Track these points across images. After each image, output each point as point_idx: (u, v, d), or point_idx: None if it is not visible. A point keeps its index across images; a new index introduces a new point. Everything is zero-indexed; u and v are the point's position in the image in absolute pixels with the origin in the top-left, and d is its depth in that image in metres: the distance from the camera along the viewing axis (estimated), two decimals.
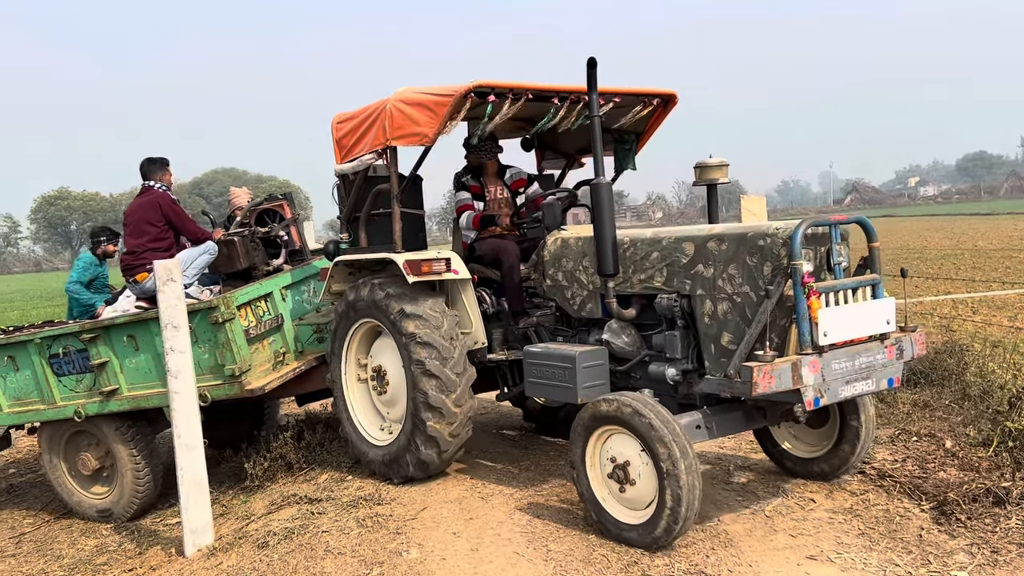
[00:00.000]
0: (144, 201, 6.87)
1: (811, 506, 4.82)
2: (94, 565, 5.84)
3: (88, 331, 6.46)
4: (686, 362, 4.72)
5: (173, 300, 5.20)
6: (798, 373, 4.01)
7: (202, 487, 5.26)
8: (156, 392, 6.27)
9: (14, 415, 7.12)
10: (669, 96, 5.94)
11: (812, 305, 4.03)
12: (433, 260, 5.36)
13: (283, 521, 5.24)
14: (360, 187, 5.96)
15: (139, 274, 6.78)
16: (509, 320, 5.77)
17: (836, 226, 4.32)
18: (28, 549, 6.58)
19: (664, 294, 4.73)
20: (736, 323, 4.38)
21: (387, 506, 5.22)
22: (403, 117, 5.40)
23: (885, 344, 4.40)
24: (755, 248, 4.28)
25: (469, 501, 5.20)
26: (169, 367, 5.19)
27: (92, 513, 6.93)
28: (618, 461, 4.33)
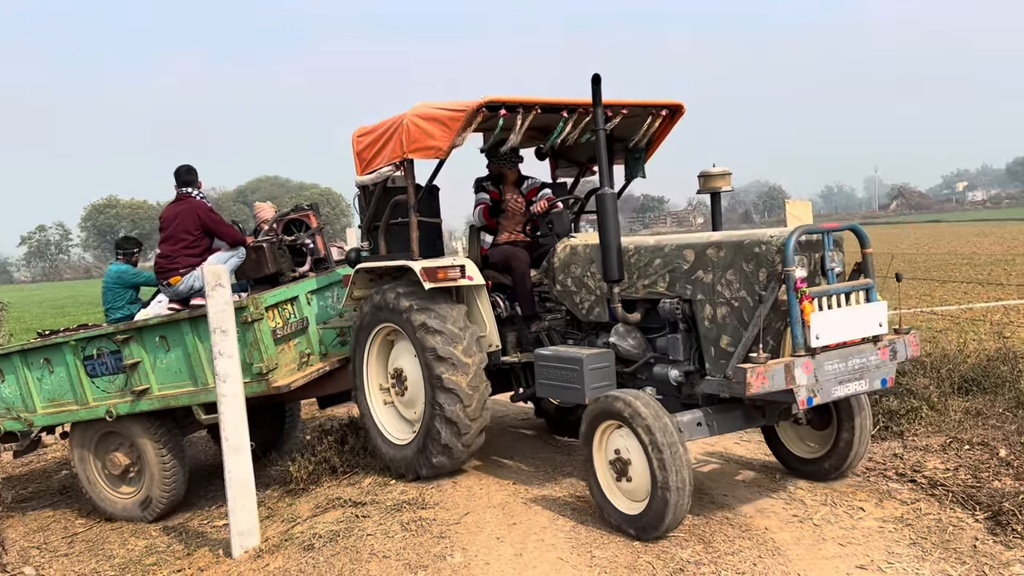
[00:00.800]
0: (183, 208, 7.12)
1: (860, 515, 4.74)
2: (144, 565, 5.94)
3: (122, 332, 6.73)
4: (688, 364, 4.93)
5: (221, 305, 5.28)
6: (791, 374, 4.20)
7: (249, 490, 5.33)
8: (186, 391, 6.57)
9: (48, 416, 7.38)
10: (676, 107, 6.10)
11: (805, 309, 4.21)
12: (448, 267, 5.60)
13: (328, 524, 5.28)
14: (379, 198, 6.22)
15: (172, 277, 7.03)
16: (522, 324, 6.00)
17: (829, 233, 4.51)
18: (80, 549, 6.73)
19: (667, 299, 4.96)
20: (734, 326, 4.58)
21: (431, 510, 5.23)
22: (419, 131, 5.64)
23: (878, 346, 4.56)
24: (751, 255, 4.48)
25: (512, 506, 5.19)
26: (217, 371, 5.27)
27: (122, 512, 7.18)
28: (619, 455, 4.56)
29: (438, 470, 5.73)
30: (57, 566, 6.38)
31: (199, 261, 6.96)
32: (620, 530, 4.60)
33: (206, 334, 6.24)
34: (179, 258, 6.99)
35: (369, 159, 6.21)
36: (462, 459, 5.73)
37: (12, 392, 7.56)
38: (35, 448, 8.07)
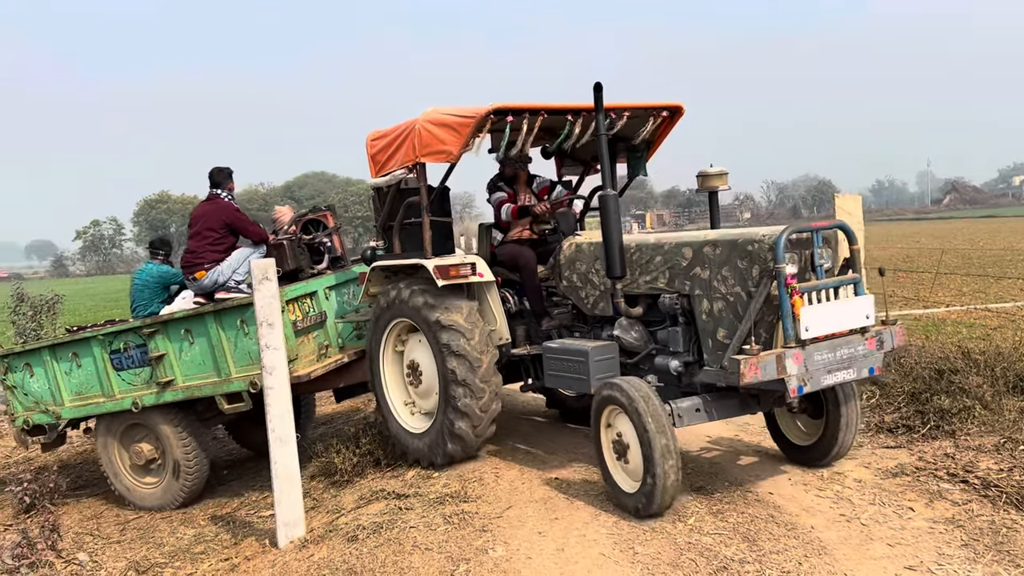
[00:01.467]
0: (211, 208, 7.51)
1: (909, 515, 4.65)
2: (192, 553, 6.06)
3: (148, 326, 7.05)
4: (687, 355, 5.23)
5: (268, 298, 5.35)
6: (782, 364, 4.47)
7: (294, 481, 5.40)
8: (210, 382, 6.87)
9: (75, 409, 7.65)
10: (676, 108, 6.35)
11: (795, 303, 4.49)
12: (460, 265, 5.90)
13: (372, 516, 5.33)
14: (393, 199, 6.51)
15: (198, 272, 7.36)
16: (531, 318, 6.34)
17: (818, 232, 4.76)
18: (132, 536, 6.88)
19: (667, 294, 5.26)
20: (730, 320, 4.85)
21: (473, 503, 5.25)
22: (431, 136, 5.91)
23: (866, 336, 4.82)
24: (745, 253, 4.75)
25: (554, 501, 5.18)
26: (264, 363, 5.35)
27: (146, 502, 7.49)
28: (619, 437, 4.89)
29: (452, 458, 6.00)
30: (109, 552, 6.54)
31: (223, 257, 7.37)
32: (622, 507, 4.90)
33: (230, 326, 6.69)
34: (204, 253, 7.35)
35: (383, 162, 6.50)
36: (474, 448, 6.02)
37: (41, 386, 7.82)
38: (62, 442, 8.38)
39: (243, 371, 6.70)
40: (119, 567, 6.09)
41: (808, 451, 5.52)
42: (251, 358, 6.56)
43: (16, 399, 7.98)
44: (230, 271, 7.40)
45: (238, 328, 6.64)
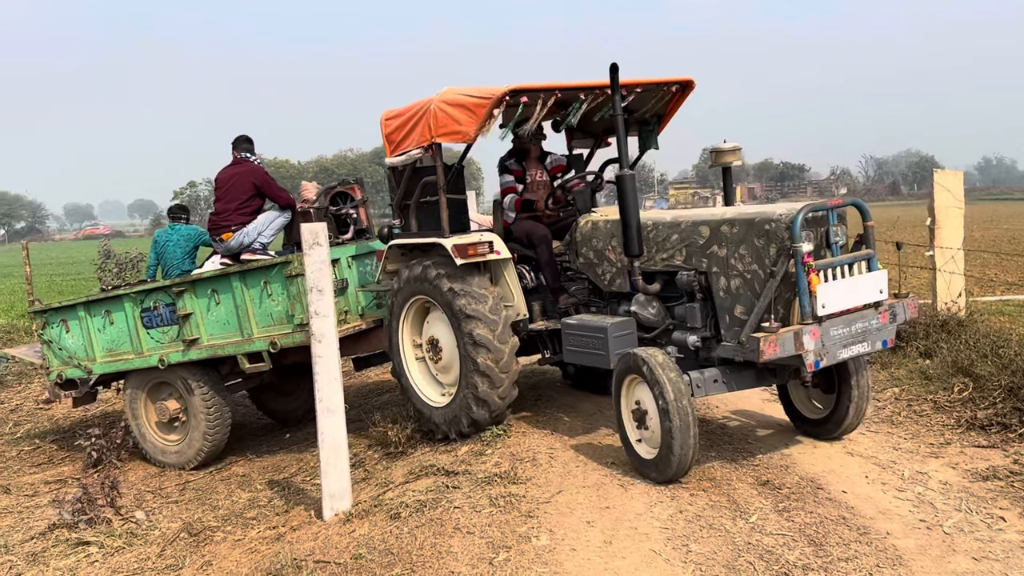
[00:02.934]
0: (240, 170, 7.60)
1: (1000, 525, 4.20)
2: (244, 519, 6.01)
3: (177, 285, 7.25)
4: (705, 330, 5.29)
5: (318, 264, 5.19)
6: (800, 340, 4.58)
7: (341, 452, 5.26)
8: (232, 341, 7.09)
9: (105, 364, 7.94)
10: (686, 82, 6.38)
11: (812, 281, 4.58)
12: (478, 244, 5.94)
13: (418, 492, 5.15)
14: (409, 178, 6.54)
15: (225, 233, 7.52)
16: (547, 293, 6.40)
17: (833, 210, 4.85)
18: (190, 496, 6.91)
19: (684, 271, 5.33)
20: (747, 297, 4.95)
21: (522, 486, 5.00)
22: (446, 117, 5.93)
23: (879, 310, 4.95)
24: (762, 232, 4.83)
25: (607, 488, 4.89)
26: (313, 331, 5.20)
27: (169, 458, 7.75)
28: (639, 405, 5.02)
29: (478, 424, 6.03)
30: (166, 512, 6.57)
31: (250, 220, 7.51)
32: (640, 474, 5.02)
33: (255, 287, 6.87)
34: (231, 216, 7.47)
35: (398, 141, 6.51)
36: (499, 411, 6.01)
37: (75, 342, 8.11)
38: (93, 400, 8.80)
39: (264, 331, 6.88)
40: (173, 528, 6.10)
41: (820, 424, 5.58)
42: (272, 319, 6.79)
43: (51, 353, 8.32)
44: (256, 233, 7.51)
45: (262, 289, 6.81)
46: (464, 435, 6.07)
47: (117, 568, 5.44)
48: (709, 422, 6.19)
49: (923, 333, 7.59)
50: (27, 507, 7.04)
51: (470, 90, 5.89)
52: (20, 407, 10.90)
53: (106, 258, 14.91)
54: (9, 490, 7.54)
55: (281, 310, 6.70)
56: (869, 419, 6.04)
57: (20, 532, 6.36)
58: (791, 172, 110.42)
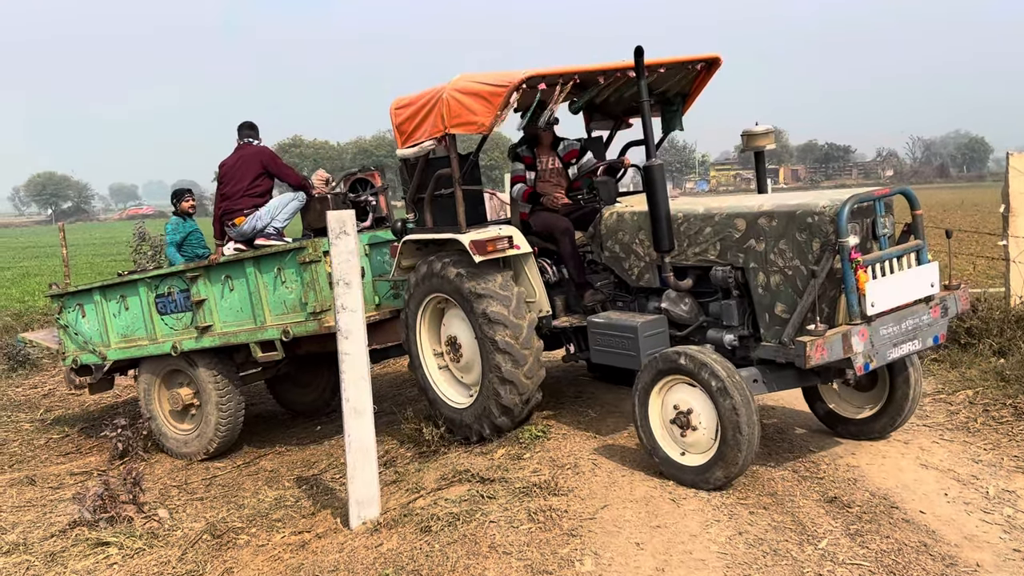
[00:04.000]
0: (246, 153, 7.44)
1: None
2: (269, 520, 5.71)
3: (191, 271, 7.12)
4: (743, 328, 4.98)
5: (346, 255, 4.81)
6: (848, 343, 4.28)
7: (369, 457, 4.90)
8: (245, 329, 6.91)
9: (119, 350, 7.84)
10: (713, 60, 6.07)
11: (860, 278, 4.29)
12: (496, 239, 5.62)
13: (450, 502, 4.76)
14: (423, 170, 6.24)
15: (237, 218, 7.32)
16: (570, 286, 6.04)
17: (880, 200, 4.56)
18: (215, 493, 6.63)
19: (719, 266, 4.99)
20: (788, 294, 4.64)
21: (563, 498, 4.60)
22: (460, 106, 5.59)
23: (930, 305, 4.69)
24: (804, 225, 4.52)
25: (657, 503, 4.46)
26: (339, 327, 4.83)
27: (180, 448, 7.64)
28: (681, 408, 4.63)
29: (500, 430, 5.78)
30: (191, 510, 6.30)
31: (261, 202, 7.33)
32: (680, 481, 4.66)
33: (269, 273, 6.67)
34: (242, 199, 7.29)
35: (409, 132, 6.16)
36: (522, 417, 5.78)
37: (91, 327, 8.02)
38: (110, 386, 8.72)
39: (277, 319, 6.70)
40: (196, 528, 5.81)
41: (869, 423, 5.23)
42: (286, 306, 6.62)
43: (68, 338, 8.24)
44: (269, 217, 7.30)
45: (276, 275, 6.62)
46: (497, 427, 5.77)
47: (136, 572, 5.16)
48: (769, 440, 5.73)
49: (997, 330, 7.03)
50: (51, 500, 6.82)
51: (485, 77, 5.54)
52: (53, 391, 10.77)
53: (141, 240, 14.76)
54: (35, 481, 7.35)
55: (295, 297, 6.54)
56: (942, 425, 5.55)
57: (41, 528, 6.12)
58: (836, 153, 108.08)
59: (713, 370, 4.40)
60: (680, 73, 6.03)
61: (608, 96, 5.99)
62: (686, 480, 4.64)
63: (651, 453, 4.80)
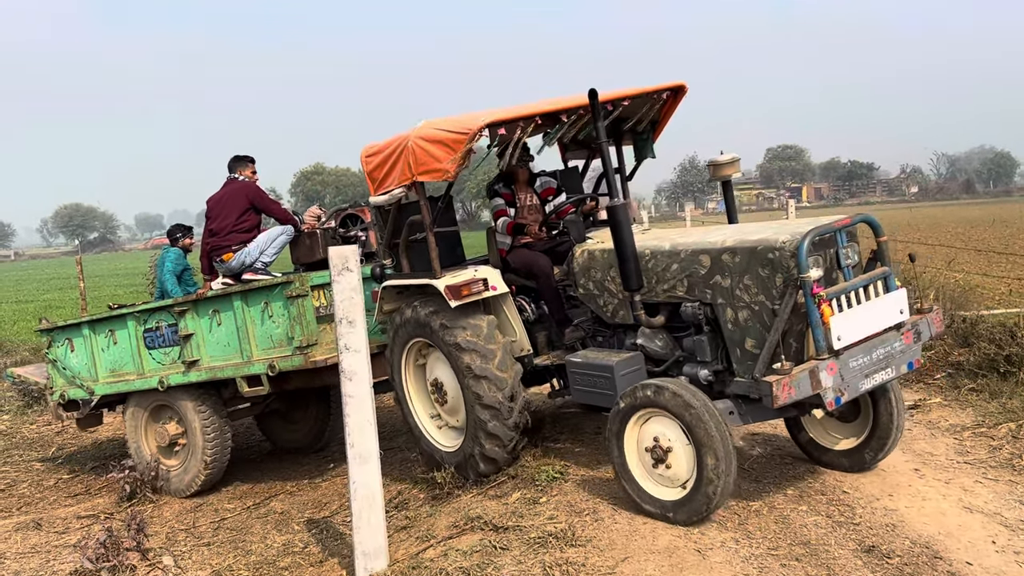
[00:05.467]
0: (232, 189, 7.49)
1: None
2: (276, 568, 5.48)
3: (180, 305, 7.10)
4: (716, 363, 4.94)
5: (349, 292, 4.59)
6: (816, 378, 4.22)
7: (376, 505, 4.64)
8: (232, 364, 6.89)
9: (107, 385, 7.78)
10: (678, 88, 6.14)
11: (824, 312, 4.22)
12: (471, 282, 5.64)
13: (461, 553, 4.49)
14: (396, 216, 6.28)
15: (225, 254, 7.36)
16: (551, 323, 6.05)
17: (841, 231, 4.53)
18: (223, 538, 6.40)
19: (688, 302, 4.97)
20: (757, 329, 4.58)
21: (580, 549, 4.31)
22: (425, 154, 5.63)
23: (901, 331, 4.62)
24: (766, 261, 4.47)
25: (681, 554, 4.17)
26: (343, 367, 4.59)
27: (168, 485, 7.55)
28: (657, 441, 4.56)
29: (485, 476, 5.78)
30: (196, 556, 6.07)
31: (249, 237, 7.35)
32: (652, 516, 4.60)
33: (256, 307, 6.66)
34: (230, 235, 7.33)
35: (380, 179, 6.18)
36: (512, 442, 5.71)
37: (79, 361, 7.98)
38: (99, 422, 8.64)
39: (264, 354, 6.68)
40: None
41: (855, 453, 5.12)
42: (272, 341, 6.62)
43: (56, 372, 8.20)
44: (258, 252, 7.34)
45: (263, 310, 6.63)
46: (483, 474, 5.73)
47: None
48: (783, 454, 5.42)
49: None
50: (55, 546, 6.62)
51: (447, 123, 5.61)
52: (66, 428, 10.61)
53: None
54: (40, 525, 7.15)
55: (281, 332, 6.54)
56: (984, 463, 5.22)
57: None
58: (859, 171, 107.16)
59: (686, 400, 4.35)
60: (647, 103, 6.08)
61: (579, 130, 6.08)
62: (659, 512, 4.58)
63: (627, 490, 4.74)
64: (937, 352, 7.63)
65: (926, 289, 9.24)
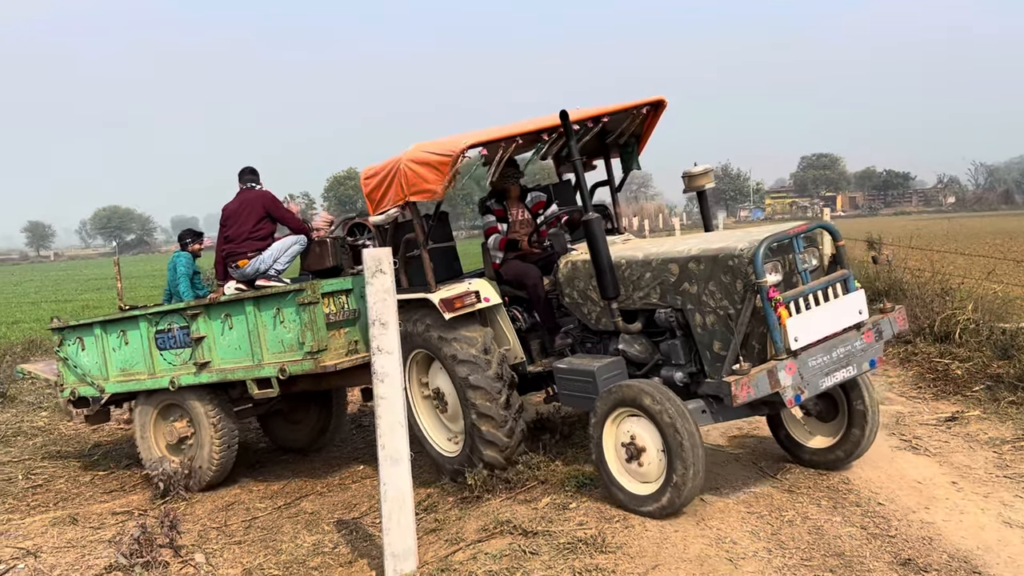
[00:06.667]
0: (249, 197, 7.74)
1: None
2: (306, 568, 5.53)
3: (192, 308, 7.31)
4: (690, 366, 5.20)
5: (382, 294, 4.61)
6: (775, 378, 4.45)
7: (406, 507, 4.65)
8: (243, 367, 7.11)
9: (117, 383, 7.96)
10: (657, 102, 6.37)
11: (781, 315, 4.45)
12: (464, 295, 5.92)
13: (490, 558, 4.49)
14: (393, 234, 6.60)
15: (240, 260, 7.62)
16: (544, 332, 6.35)
17: (797, 237, 4.76)
18: (254, 537, 6.45)
19: (661, 308, 5.25)
20: (723, 332, 4.84)
21: (610, 556, 4.28)
22: (415, 175, 5.98)
23: (862, 331, 4.84)
24: (727, 268, 4.73)
25: (713, 563, 4.13)
26: (375, 369, 4.62)
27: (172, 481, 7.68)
28: (632, 440, 4.83)
29: (491, 467, 5.94)
30: (228, 554, 6.12)
31: (264, 245, 7.61)
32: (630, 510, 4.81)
33: (268, 312, 6.91)
34: (245, 242, 7.58)
35: (378, 200, 6.50)
36: (509, 449, 5.91)
37: (90, 359, 8.12)
38: (107, 418, 8.74)
39: (275, 357, 6.90)
40: (232, 574, 5.63)
41: (830, 452, 5.33)
42: (283, 345, 6.84)
43: (67, 370, 8.33)
44: (272, 260, 7.59)
45: (275, 315, 6.85)
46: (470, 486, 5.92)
47: None
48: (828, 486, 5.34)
49: None
50: (91, 541, 6.71)
51: (434, 146, 5.94)
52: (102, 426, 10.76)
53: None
54: (77, 520, 7.26)
55: (292, 337, 6.77)
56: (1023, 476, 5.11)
57: (79, 572, 6.01)
58: (895, 180, 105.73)
59: (654, 398, 4.61)
60: (627, 119, 6.32)
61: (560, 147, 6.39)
62: (628, 504, 4.84)
63: (608, 484, 4.99)
64: (975, 364, 7.50)
65: (963, 300, 9.10)
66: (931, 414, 6.70)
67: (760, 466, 5.65)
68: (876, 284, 11.45)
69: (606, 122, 6.17)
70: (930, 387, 7.50)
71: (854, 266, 13.81)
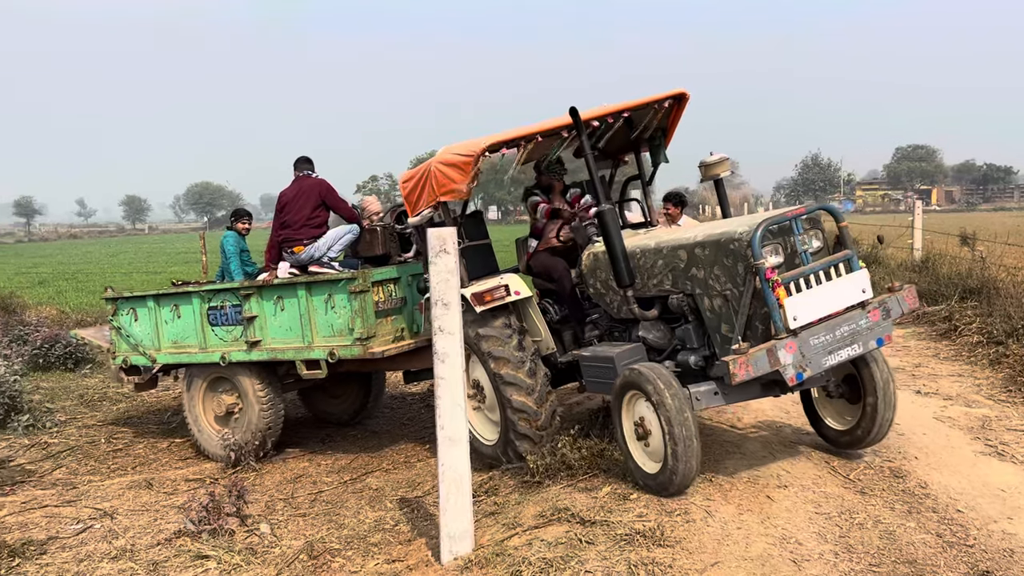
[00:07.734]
0: (307, 185, 8.01)
1: None
2: (367, 544, 5.56)
3: (245, 288, 7.57)
4: (704, 349, 5.35)
5: (445, 274, 4.57)
6: (775, 356, 4.55)
7: (464, 488, 4.62)
8: (293, 347, 7.39)
9: (169, 355, 8.24)
10: (679, 95, 6.46)
11: (779, 295, 4.57)
12: (494, 288, 6.17)
13: (546, 544, 4.42)
14: None
15: (296, 247, 7.87)
16: (575, 323, 6.55)
17: (796, 219, 4.85)
18: (318, 511, 6.55)
19: (673, 295, 5.43)
20: (729, 315, 4.97)
21: (669, 550, 4.17)
22: (443, 176, 6.26)
23: (868, 309, 4.86)
24: (729, 252, 4.88)
25: (776, 563, 3.97)
26: (436, 349, 4.58)
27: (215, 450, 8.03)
28: (640, 420, 5.03)
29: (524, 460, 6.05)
30: (292, 526, 6.22)
31: (319, 233, 7.88)
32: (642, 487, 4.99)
33: (319, 297, 7.17)
34: (302, 228, 7.83)
35: (415, 202, 6.78)
36: (543, 443, 6.02)
37: (142, 331, 8.40)
38: (154, 385, 9.08)
39: (324, 341, 7.18)
40: (295, 546, 5.72)
41: (851, 433, 5.43)
42: (333, 330, 7.10)
43: (119, 339, 8.61)
44: (326, 247, 7.83)
45: (326, 301, 7.10)
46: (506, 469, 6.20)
47: None
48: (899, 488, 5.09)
49: None
50: (164, 506, 6.92)
51: (460, 147, 6.18)
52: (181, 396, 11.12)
53: None
54: (152, 485, 7.50)
55: (343, 322, 7.03)
56: None
57: (150, 534, 6.19)
58: (995, 175, 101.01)
59: (652, 382, 4.75)
60: (650, 113, 6.47)
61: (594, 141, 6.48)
62: (639, 479, 5.04)
63: (626, 459, 5.21)
64: None
65: None
66: (1021, 419, 6.34)
67: (832, 465, 5.43)
68: (968, 281, 10.93)
69: (628, 117, 6.33)
70: (1021, 391, 7.11)
71: (945, 261, 13.26)
